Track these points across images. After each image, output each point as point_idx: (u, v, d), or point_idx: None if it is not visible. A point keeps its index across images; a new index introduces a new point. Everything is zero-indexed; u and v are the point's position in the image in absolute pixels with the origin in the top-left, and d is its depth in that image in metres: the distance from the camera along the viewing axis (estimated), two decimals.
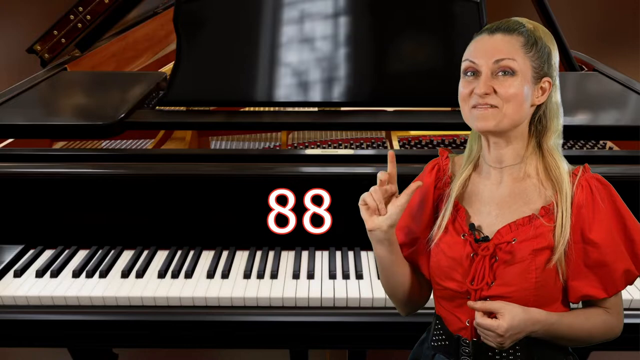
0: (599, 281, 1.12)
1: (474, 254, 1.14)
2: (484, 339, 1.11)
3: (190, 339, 1.57)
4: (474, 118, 1.11)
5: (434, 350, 1.24)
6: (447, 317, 1.21)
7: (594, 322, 1.15)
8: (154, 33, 2.69)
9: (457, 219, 1.17)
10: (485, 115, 1.09)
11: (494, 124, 1.09)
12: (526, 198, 1.14)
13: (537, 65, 1.10)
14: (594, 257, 1.11)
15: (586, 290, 1.13)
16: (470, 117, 1.12)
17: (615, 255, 1.11)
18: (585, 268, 1.12)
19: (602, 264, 1.11)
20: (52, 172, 1.70)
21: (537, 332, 1.11)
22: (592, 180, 1.12)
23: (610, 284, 1.13)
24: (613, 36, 3.40)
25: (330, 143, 2.03)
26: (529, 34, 1.10)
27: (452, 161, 1.25)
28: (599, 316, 1.16)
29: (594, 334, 1.15)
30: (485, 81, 1.09)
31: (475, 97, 1.10)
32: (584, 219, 1.11)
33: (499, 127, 1.09)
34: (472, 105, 1.11)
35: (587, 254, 1.11)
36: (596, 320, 1.15)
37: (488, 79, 1.09)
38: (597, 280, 1.12)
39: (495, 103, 1.08)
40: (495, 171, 1.17)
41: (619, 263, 1.12)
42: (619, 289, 1.14)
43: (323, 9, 2.02)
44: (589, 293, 1.13)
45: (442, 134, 2.04)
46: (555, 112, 1.14)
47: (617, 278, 1.12)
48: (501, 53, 1.09)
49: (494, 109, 1.09)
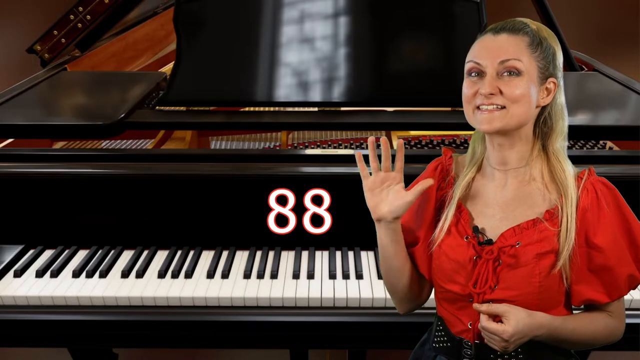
0: (603, 286, 1.11)
1: (477, 256, 1.12)
2: (488, 342, 1.11)
3: (190, 339, 1.57)
4: (478, 120, 1.09)
5: (435, 352, 1.24)
6: (449, 319, 1.21)
7: (597, 325, 1.14)
8: (154, 33, 2.69)
9: (460, 221, 1.16)
10: (491, 117, 1.08)
11: (501, 125, 1.08)
12: (531, 201, 1.13)
13: (543, 66, 1.09)
14: (598, 261, 1.10)
15: (589, 294, 1.12)
16: (474, 118, 1.11)
17: (619, 260, 1.10)
18: (589, 272, 1.11)
19: (606, 269, 1.10)
20: (52, 172, 1.70)
21: (541, 336, 1.10)
22: (597, 184, 1.11)
23: (613, 288, 1.12)
24: (613, 36, 3.40)
25: (330, 143, 2.03)
26: (534, 34, 1.09)
27: (456, 161, 1.23)
28: (602, 320, 1.15)
29: (597, 337, 1.15)
30: (490, 81, 1.07)
31: (480, 97, 1.08)
32: (589, 223, 1.09)
33: (506, 127, 1.08)
34: (476, 106, 1.09)
35: (591, 259, 1.10)
36: (599, 324, 1.15)
37: (493, 79, 1.07)
38: (600, 285, 1.11)
39: (502, 103, 1.07)
40: (499, 173, 1.16)
41: (622, 268, 1.11)
42: (623, 294, 1.13)
43: (323, 9, 2.02)
44: (592, 297, 1.12)
45: (442, 134, 2.04)
46: (560, 114, 1.13)
47: (620, 283, 1.11)
48: (507, 53, 1.07)
49: (501, 111, 1.07)
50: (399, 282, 1.22)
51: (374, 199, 1.14)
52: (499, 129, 1.08)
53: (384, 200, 1.14)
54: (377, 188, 1.14)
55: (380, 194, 1.14)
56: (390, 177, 1.14)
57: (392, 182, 1.14)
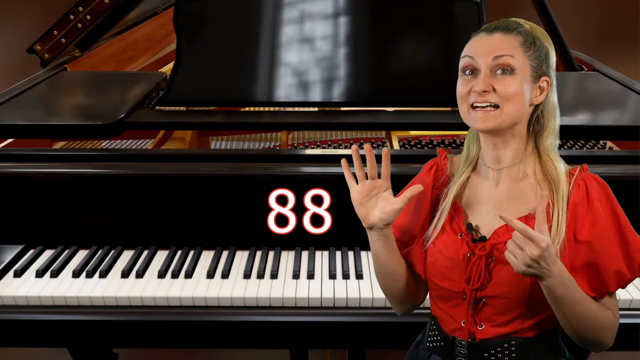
0: (590, 280, 1.11)
1: (470, 254, 1.13)
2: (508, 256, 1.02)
3: (190, 339, 1.57)
4: (473, 119, 1.10)
5: (429, 351, 1.24)
6: (442, 318, 1.21)
7: (599, 309, 1.11)
8: (154, 33, 2.69)
9: (454, 219, 1.17)
10: (486, 116, 1.08)
11: (495, 124, 1.08)
12: (524, 198, 1.14)
13: (536, 64, 1.10)
14: (586, 256, 1.10)
15: None
16: (468, 117, 1.12)
17: (608, 255, 1.10)
18: (578, 267, 1.11)
19: (593, 264, 1.10)
20: (52, 172, 1.70)
21: (555, 278, 1.03)
22: (588, 180, 1.12)
23: (599, 283, 1.11)
24: (613, 36, 3.40)
25: (330, 143, 2.03)
26: (527, 33, 1.11)
27: (451, 161, 1.25)
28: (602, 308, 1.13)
29: (597, 318, 1.10)
30: (484, 79, 1.08)
31: (473, 95, 1.09)
32: (579, 217, 1.10)
33: (500, 127, 1.09)
34: (470, 104, 1.10)
35: (580, 253, 1.10)
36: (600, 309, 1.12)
37: (487, 77, 1.08)
38: (588, 280, 1.11)
39: (495, 101, 1.08)
40: (493, 172, 1.16)
41: (610, 263, 1.10)
42: (610, 290, 1.12)
43: (323, 9, 2.02)
44: None
45: (442, 134, 2.04)
46: (552, 113, 1.14)
47: (607, 278, 1.11)
48: (500, 50, 1.08)
49: (496, 110, 1.08)
50: (394, 285, 1.23)
51: (363, 208, 1.14)
52: (493, 127, 1.09)
53: (374, 208, 1.13)
54: (365, 197, 1.13)
55: (369, 202, 1.13)
56: (377, 184, 1.13)
57: (380, 189, 1.13)
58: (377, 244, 1.17)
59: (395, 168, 1.69)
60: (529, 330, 1.15)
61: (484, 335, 1.16)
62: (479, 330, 1.16)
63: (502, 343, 1.15)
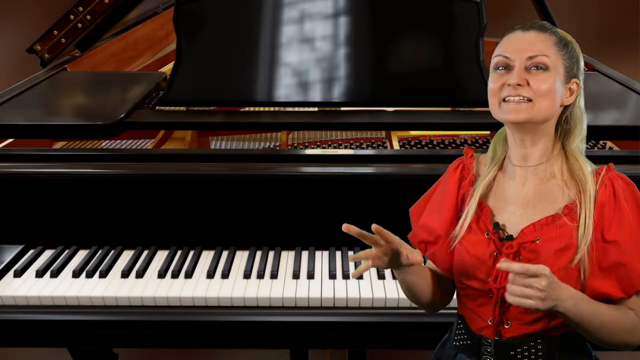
0: (617, 280, 1.11)
1: (497, 252, 1.13)
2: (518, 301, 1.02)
3: (190, 339, 1.57)
4: (504, 111, 1.11)
5: (456, 350, 1.24)
6: (469, 317, 1.21)
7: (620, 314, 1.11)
8: (154, 33, 2.69)
9: (481, 218, 1.17)
10: (518, 108, 1.09)
11: (527, 117, 1.09)
12: (550, 198, 1.14)
13: (568, 65, 1.12)
14: (614, 256, 1.10)
15: (604, 288, 1.11)
16: (499, 110, 1.12)
17: (636, 255, 1.10)
18: (604, 266, 1.10)
19: (621, 263, 1.10)
20: (52, 172, 1.70)
21: (566, 302, 1.04)
22: (615, 179, 1.12)
23: (628, 283, 1.11)
24: (613, 36, 3.40)
25: (330, 143, 2.03)
26: (560, 35, 1.13)
27: (477, 160, 1.25)
28: (625, 311, 1.12)
29: (619, 325, 1.10)
30: (518, 73, 1.09)
31: (507, 89, 1.10)
32: (606, 217, 1.10)
33: (532, 120, 1.10)
34: (502, 98, 1.11)
35: (607, 253, 1.10)
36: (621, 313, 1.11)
37: (521, 72, 1.10)
38: (615, 280, 1.11)
39: (529, 95, 1.09)
40: (520, 170, 1.17)
41: (638, 262, 1.10)
42: (638, 289, 1.12)
43: (323, 9, 2.02)
44: (606, 291, 1.11)
45: (442, 134, 2.04)
46: (580, 117, 1.16)
47: (635, 277, 1.10)
48: (535, 49, 1.10)
49: (528, 103, 1.09)
50: (421, 297, 1.24)
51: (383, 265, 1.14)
52: (524, 119, 1.10)
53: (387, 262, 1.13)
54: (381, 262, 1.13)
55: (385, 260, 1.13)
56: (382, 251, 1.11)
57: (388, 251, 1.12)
58: (402, 275, 1.18)
59: (395, 168, 1.71)
60: (556, 330, 1.14)
61: (510, 333, 1.16)
62: (505, 329, 1.16)
63: (529, 342, 1.15)
